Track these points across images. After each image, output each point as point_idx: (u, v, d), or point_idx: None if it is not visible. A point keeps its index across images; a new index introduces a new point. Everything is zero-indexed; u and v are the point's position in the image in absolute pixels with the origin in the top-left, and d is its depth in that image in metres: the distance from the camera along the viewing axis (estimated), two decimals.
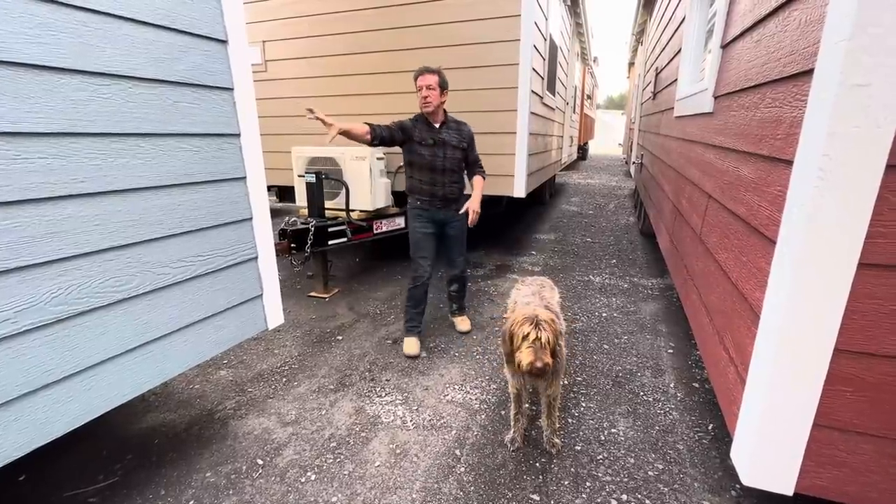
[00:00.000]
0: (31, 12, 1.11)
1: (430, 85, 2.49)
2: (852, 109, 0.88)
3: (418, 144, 2.58)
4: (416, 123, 2.60)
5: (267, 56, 4.40)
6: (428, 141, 2.57)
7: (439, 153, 2.59)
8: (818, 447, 1.12)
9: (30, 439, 1.20)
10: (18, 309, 1.14)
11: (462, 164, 2.70)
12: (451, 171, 2.64)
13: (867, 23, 0.83)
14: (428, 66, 2.54)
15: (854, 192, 0.92)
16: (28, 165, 1.13)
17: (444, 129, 2.61)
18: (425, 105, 2.52)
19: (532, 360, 1.51)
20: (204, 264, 1.62)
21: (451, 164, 2.63)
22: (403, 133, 2.58)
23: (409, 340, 2.71)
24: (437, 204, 2.66)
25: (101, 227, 1.30)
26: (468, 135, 2.69)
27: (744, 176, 1.53)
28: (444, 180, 2.63)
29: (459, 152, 2.65)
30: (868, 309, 0.98)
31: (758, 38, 1.53)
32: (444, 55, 3.70)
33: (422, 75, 2.51)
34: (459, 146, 2.63)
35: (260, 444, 1.91)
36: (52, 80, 1.16)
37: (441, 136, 2.59)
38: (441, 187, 2.63)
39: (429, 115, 2.57)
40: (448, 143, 2.60)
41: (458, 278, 2.95)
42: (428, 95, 2.49)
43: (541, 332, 1.54)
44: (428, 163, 2.59)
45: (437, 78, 2.51)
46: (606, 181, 11.04)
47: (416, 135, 2.57)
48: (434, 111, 2.55)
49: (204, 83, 1.55)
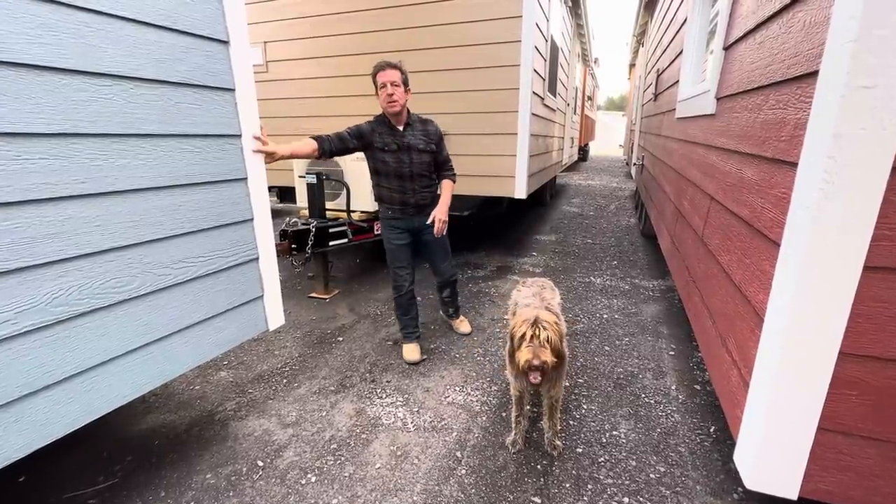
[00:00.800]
0: (33, 13, 1.11)
1: (394, 81, 2.21)
2: (858, 111, 0.87)
3: (380, 151, 2.33)
4: (377, 127, 2.34)
5: (268, 57, 4.40)
6: (391, 146, 2.32)
7: (405, 159, 2.34)
8: (823, 451, 1.11)
9: (30, 440, 1.20)
10: (19, 310, 1.14)
11: (431, 167, 2.46)
12: (420, 177, 2.40)
13: (873, 24, 0.83)
14: (387, 60, 2.26)
15: (859, 195, 0.91)
16: (29, 166, 1.13)
17: (409, 132, 2.35)
18: (391, 105, 2.23)
19: (529, 359, 1.50)
20: (205, 265, 1.61)
21: (420, 169, 2.39)
22: (360, 140, 2.32)
23: (409, 347, 2.62)
24: (409, 212, 2.46)
25: (102, 227, 1.30)
26: (436, 134, 2.43)
27: (747, 178, 1.53)
28: (413, 187, 2.40)
29: (427, 155, 2.40)
30: (873, 312, 0.98)
31: (761, 39, 1.52)
32: (444, 56, 3.70)
33: (383, 70, 2.21)
34: (427, 149, 2.38)
35: (260, 446, 1.90)
36: (53, 80, 1.16)
37: (405, 139, 2.33)
38: (412, 194, 2.41)
39: (393, 115, 2.30)
40: (414, 146, 2.34)
41: (449, 283, 2.78)
42: (393, 93, 2.21)
43: (540, 330, 1.54)
44: (394, 170, 2.35)
45: (401, 74, 2.25)
46: (607, 182, 11.03)
47: (377, 140, 2.32)
48: (400, 111, 2.28)
49: (205, 84, 1.55)
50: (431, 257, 2.65)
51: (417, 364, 2.57)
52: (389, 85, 2.20)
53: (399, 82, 2.23)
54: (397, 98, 2.23)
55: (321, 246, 3.32)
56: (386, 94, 2.22)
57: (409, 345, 2.63)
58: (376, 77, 2.24)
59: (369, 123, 2.36)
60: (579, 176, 12.46)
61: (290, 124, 4.44)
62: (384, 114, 2.33)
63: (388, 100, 2.23)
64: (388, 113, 2.30)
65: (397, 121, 2.33)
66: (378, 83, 2.24)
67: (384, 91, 2.22)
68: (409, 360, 2.57)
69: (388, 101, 2.23)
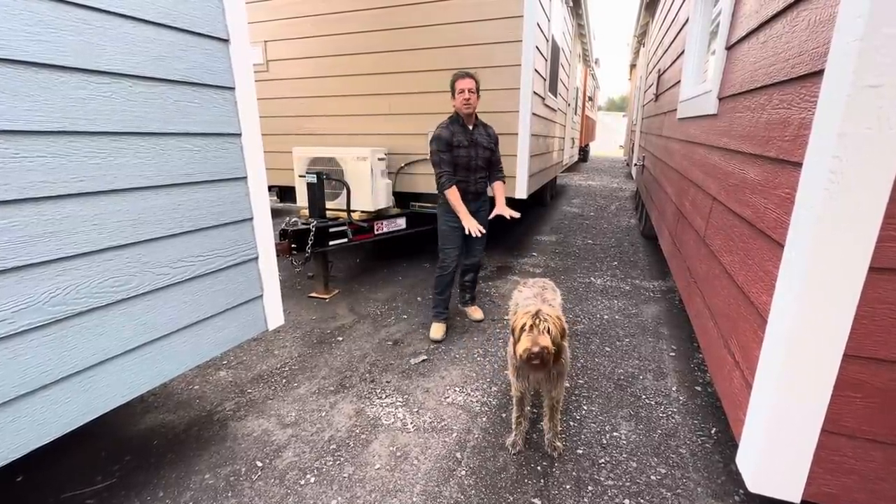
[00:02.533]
0: (32, 10, 1.10)
1: (471, 88, 2.63)
2: (864, 110, 0.86)
3: (456, 148, 2.72)
4: (452, 127, 2.72)
5: (269, 56, 4.39)
6: (464, 143, 2.72)
7: (473, 153, 2.76)
8: (826, 454, 1.10)
9: (27, 440, 1.19)
10: (16, 309, 1.13)
11: (489, 161, 2.87)
12: (480, 169, 2.84)
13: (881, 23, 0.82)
14: (466, 70, 2.70)
15: (865, 195, 0.90)
16: (27, 164, 1.12)
17: (476, 131, 2.78)
18: (466, 106, 2.65)
19: (528, 346, 1.50)
20: (204, 264, 1.60)
21: (482, 163, 2.83)
22: (448, 146, 2.71)
23: (436, 325, 2.91)
24: (468, 198, 2.81)
25: (101, 226, 1.29)
26: (495, 136, 2.89)
27: (750, 178, 1.52)
28: (475, 177, 2.83)
29: (488, 152, 2.83)
30: (878, 314, 0.97)
31: (764, 39, 1.51)
32: (446, 55, 3.69)
33: (463, 78, 2.64)
34: (489, 147, 2.82)
35: (259, 446, 1.89)
36: (51, 78, 1.15)
37: (474, 137, 2.76)
38: (473, 184, 2.83)
39: (467, 116, 2.70)
40: (480, 143, 2.78)
41: (474, 267, 3.11)
42: (469, 98, 2.63)
43: (540, 321, 1.54)
44: (465, 163, 2.75)
45: (476, 83, 2.67)
46: (607, 183, 11.02)
47: (455, 140, 2.71)
48: (472, 112, 2.71)
49: (205, 82, 1.54)
50: (471, 241, 2.95)
51: (440, 342, 2.82)
52: (467, 91, 2.62)
53: (474, 89, 2.65)
54: (472, 102, 2.66)
55: (321, 246, 3.32)
56: (463, 98, 2.63)
57: (437, 324, 2.93)
58: (456, 83, 2.66)
59: (446, 128, 2.72)
60: (580, 176, 12.45)
61: (291, 123, 4.42)
62: (457, 114, 2.74)
63: (465, 102, 2.64)
64: (462, 113, 2.70)
65: (469, 120, 2.75)
66: (457, 88, 2.65)
67: (462, 95, 2.63)
68: (434, 339, 2.84)
69: (464, 103, 2.64)
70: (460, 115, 2.72)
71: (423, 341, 2.83)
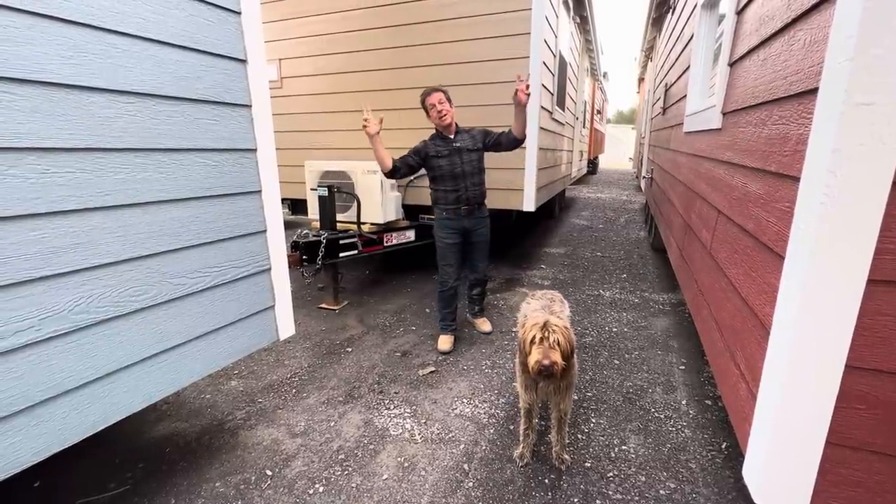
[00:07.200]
0: (66, 35, 1.18)
1: (441, 100, 2.63)
2: (857, 127, 0.89)
3: (435, 158, 2.71)
4: (430, 141, 2.75)
5: (283, 73, 4.53)
6: (444, 152, 2.70)
7: (457, 160, 2.72)
8: (832, 466, 1.10)
9: (48, 445, 1.24)
10: (43, 317, 1.18)
11: (481, 164, 2.82)
12: (471, 174, 2.76)
13: (870, 43, 0.85)
14: (429, 86, 2.71)
15: (860, 209, 0.92)
16: (58, 179, 1.19)
17: (458, 137, 2.75)
18: (442, 119, 2.64)
19: (539, 359, 1.51)
20: (219, 275, 1.66)
21: (471, 168, 2.75)
22: (418, 155, 2.72)
23: (444, 338, 2.91)
24: (462, 210, 2.77)
25: (123, 238, 1.35)
26: (480, 132, 2.81)
27: (752, 192, 1.54)
28: (465, 184, 2.75)
29: (476, 154, 2.77)
30: (878, 325, 0.98)
31: (764, 57, 1.55)
32: (455, 72, 3.77)
33: (429, 95, 2.65)
34: (475, 148, 2.76)
35: (269, 455, 1.92)
36: (82, 98, 1.22)
37: (455, 144, 2.72)
38: (464, 191, 2.75)
39: (445, 128, 2.69)
40: (463, 148, 2.72)
41: (481, 282, 3.13)
42: (442, 109, 2.63)
43: (550, 333, 1.55)
44: (448, 171, 2.72)
45: (444, 94, 2.67)
46: (616, 195, 11.01)
47: (432, 150, 2.71)
48: (450, 123, 2.69)
49: (224, 100, 1.61)
50: (474, 256, 2.99)
51: (448, 354, 2.83)
52: (437, 104, 2.62)
53: (444, 100, 2.64)
54: (446, 112, 2.64)
55: (331, 257, 3.37)
56: (436, 111, 2.63)
57: (445, 336, 2.93)
58: (425, 101, 2.66)
59: (423, 141, 2.77)
60: (588, 189, 12.45)
61: (304, 138, 4.53)
62: (437, 129, 2.75)
63: (438, 115, 2.64)
64: (440, 126, 2.70)
65: (448, 131, 2.73)
66: (428, 105, 2.66)
67: (434, 110, 2.64)
68: (443, 350, 2.84)
69: (439, 116, 2.64)
70: (439, 129, 2.74)
71: (432, 353, 2.85)
